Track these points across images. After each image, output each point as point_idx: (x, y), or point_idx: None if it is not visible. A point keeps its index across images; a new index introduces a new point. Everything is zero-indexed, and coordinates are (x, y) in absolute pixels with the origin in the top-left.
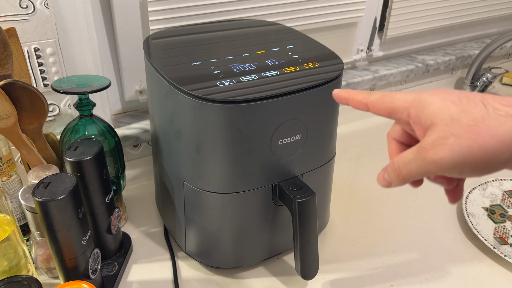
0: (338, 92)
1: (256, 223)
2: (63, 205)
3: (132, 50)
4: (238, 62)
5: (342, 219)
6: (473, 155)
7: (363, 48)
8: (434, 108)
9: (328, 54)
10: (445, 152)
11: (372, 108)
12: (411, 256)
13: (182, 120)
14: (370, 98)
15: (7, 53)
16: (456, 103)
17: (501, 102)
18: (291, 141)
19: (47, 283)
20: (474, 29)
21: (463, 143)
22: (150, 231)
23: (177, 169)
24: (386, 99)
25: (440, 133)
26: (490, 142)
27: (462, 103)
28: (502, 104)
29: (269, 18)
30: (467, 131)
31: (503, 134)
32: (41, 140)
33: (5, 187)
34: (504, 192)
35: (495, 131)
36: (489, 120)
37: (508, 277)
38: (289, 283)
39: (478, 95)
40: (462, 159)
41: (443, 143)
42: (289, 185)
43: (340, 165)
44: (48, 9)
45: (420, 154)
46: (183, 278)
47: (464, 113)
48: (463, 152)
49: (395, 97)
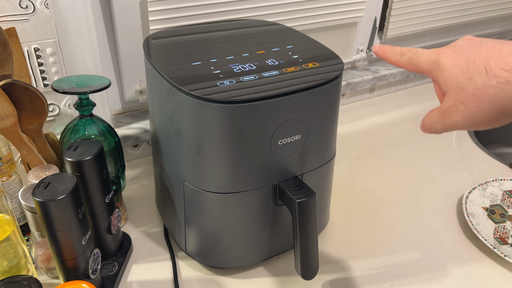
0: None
1: (256, 223)
2: (63, 205)
3: (132, 50)
4: (238, 62)
5: (342, 219)
6: (480, 119)
7: (363, 48)
8: (446, 75)
9: (328, 54)
10: (458, 117)
11: (405, 68)
12: (411, 256)
13: (182, 120)
14: (401, 61)
15: (7, 53)
16: (463, 70)
17: (502, 66)
18: (291, 141)
19: (47, 283)
20: (474, 29)
21: (470, 110)
22: (150, 231)
23: (177, 169)
24: (412, 61)
25: (452, 101)
26: (492, 108)
27: (468, 69)
28: (503, 69)
29: (269, 18)
30: (472, 99)
31: (501, 101)
32: (41, 140)
33: (5, 187)
34: (504, 192)
35: (495, 98)
36: (489, 88)
37: (508, 277)
38: (289, 283)
39: (483, 57)
40: (473, 122)
41: (455, 110)
42: (289, 185)
43: (340, 165)
44: (48, 9)
45: (440, 118)
46: (183, 278)
47: (468, 81)
48: (471, 117)
49: (420, 59)
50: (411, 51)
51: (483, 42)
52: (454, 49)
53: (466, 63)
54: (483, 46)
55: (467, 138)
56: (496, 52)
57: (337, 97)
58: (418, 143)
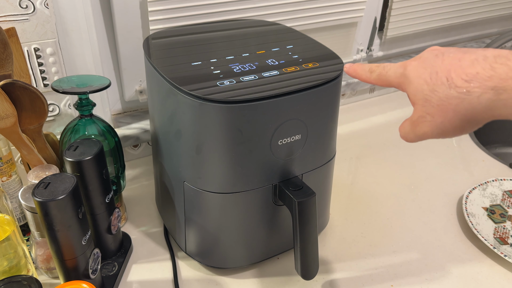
0: (347, 70)
1: (256, 223)
2: (63, 205)
3: (132, 50)
4: (238, 62)
5: (342, 219)
6: (447, 128)
7: (363, 48)
8: (412, 87)
9: (328, 54)
10: (426, 128)
11: (376, 84)
12: (411, 256)
13: (182, 120)
14: (371, 78)
15: (7, 53)
16: (427, 82)
17: (462, 77)
18: (291, 141)
19: (47, 283)
20: (474, 29)
21: (437, 120)
22: (150, 231)
23: (177, 169)
24: (382, 77)
25: (420, 113)
26: (456, 118)
27: (432, 80)
28: (463, 79)
29: (269, 18)
30: (437, 110)
31: (464, 110)
32: (41, 140)
33: (5, 187)
34: (504, 192)
35: (457, 108)
36: (452, 99)
37: (508, 277)
38: (289, 283)
39: (445, 68)
40: (441, 131)
41: (423, 121)
42: (289, 185)
43: (340, 165)
44: (48, 9)
45: (412, 129)
46: (183, 278)
47: (433, 93)
48: (439, 126)
49: (388, 73)
50: (379, 67)
51: (446, 53)
52: (419, 61)
53: (430, 75)
54: (445, 57)
55: (467, 138)
56: (457, 63)
57: (337, 97)
58: (418, 143)
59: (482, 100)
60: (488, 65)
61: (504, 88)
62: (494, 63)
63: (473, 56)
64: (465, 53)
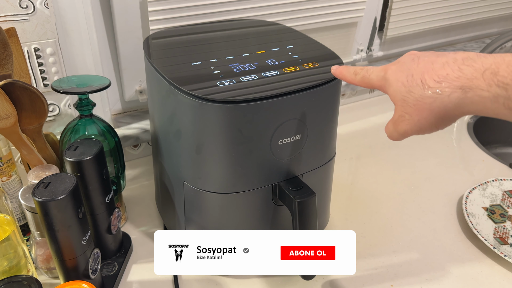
0: (334, 71)
1: (256, 223)
2: (63, 205)
3: (132, 50)
4: (238, 62)
5: (342, 219)
6: (423, 125)
7: (363, 48)
8: (392, 89)
9: (328, 54)
10: (406, 126)
11: (360, 85)
12: (411, 256)
13: (182, 120)
14: (356, 80)
15: (7, 53)
16: (404, 84)
17: (434, 78)
18: (291, 141)
19: (47, 283)
20: (474, 29)
21: (414, 119)
22: (150, 231)
23: (177, 169)
24: (365, 79)
25: (399, 112)
26: (431, 115)
27: (408, 82)
28: (435, 80)
29: (269, 18)
30: (414, 109)
31: (437, 108)
32: (41, 140)
33: (5, 187)
34: (504, 192)
35: (431, 106)
36: (426, 98)
37: (508, 277)
38: (289, 283)
39: (420, 70)
40: (419, 128)
41: (402, 120)
42: (289, 185)
43: (340, 165)
44: (48, 9)
45: (394, 128)
46: (183, 278)
47: (409, 94)
48: (416, 124)
49: (371, 77)
50: (363, 70)
51: (422, 57)
52: (398, 65)
53: (406, 78)
54: (420, 60)
55: (467, 138)
56: (430, 66)
57: (337, 97)
58: (418, 143)
59: (452, 98)
60: (457, 67)
61: (470, 87)
62: (462, 64)
63: (444, 59)
64: (438, 56)
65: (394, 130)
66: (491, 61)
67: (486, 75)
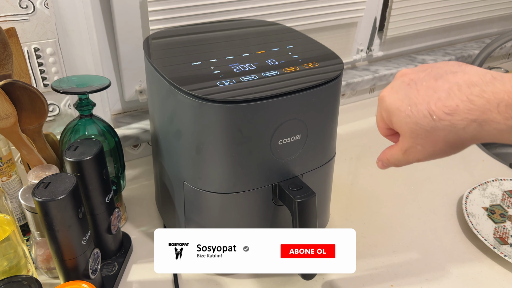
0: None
1: (256, 223)
2: (63, 205)
3: (132, 50)
4: (238, 62)
5: (342, 219)
6: (438, 154)
7: (363, 48)
8: (396, 119)
9: (328, 54)
10: (419, 155)
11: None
12: (411, 256)
13: (182, 120)
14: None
15: (7, 53)
16: (409, 115)
17: (444, 110)
18: (291, 141)
19: (47, 283)
20: (474, 29)
21: (428, 149)
22: (150, 231)
23: (177, 169)
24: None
25: (410, 144)
26: (445, 145)
27: (413, 113)
28: (445, 113)
29: (269, 18)
30: (427, 142)
31: (453, 139)
32: (41, 140)
33: (5, 187)
34: (504, 192)
35: (446, 138)
36: (439, 131)
37: (508, 277)
38: (289, 283)
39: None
40: (432, 156)
41: (415, 150)
42: (289, 185)
43: (340, 165)
44: (48, 9)
45: (404, 157)
46: (183, 278)
47: (417, 125)
48: (431, 153)
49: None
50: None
51: (418, 81)
52: (392, 91)
53: (409, 107)
54: (418, 86)
55: None
56: (433, 94)
57: (337, 97)
58: None
59: (468, 131)
60: (465, 97)
61: (485, 120)
62: (470, 94)
63: (446, 86)
64: (437, 81)
65: (404, 159)
66: (502, 91)
67: (501, 109)
